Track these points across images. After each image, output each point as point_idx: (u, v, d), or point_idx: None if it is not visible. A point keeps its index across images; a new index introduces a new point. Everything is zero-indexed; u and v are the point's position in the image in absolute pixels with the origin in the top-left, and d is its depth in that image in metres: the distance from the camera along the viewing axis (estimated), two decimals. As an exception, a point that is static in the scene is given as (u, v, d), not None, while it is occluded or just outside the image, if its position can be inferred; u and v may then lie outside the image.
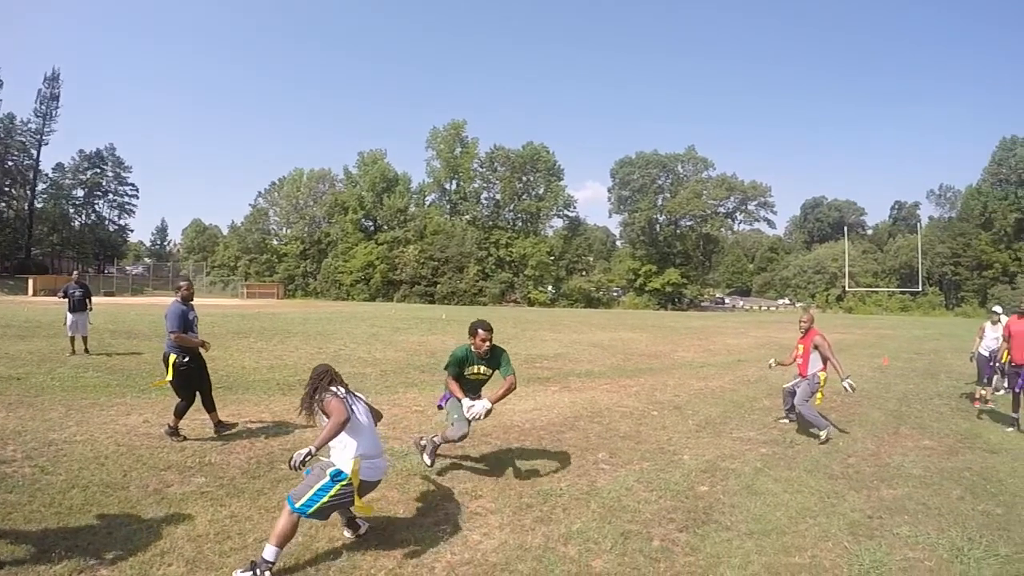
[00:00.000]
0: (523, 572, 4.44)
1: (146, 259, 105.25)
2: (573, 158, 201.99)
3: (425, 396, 10.83)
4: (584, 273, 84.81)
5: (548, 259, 78.28)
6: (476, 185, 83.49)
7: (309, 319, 27.49)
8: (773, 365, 10.26)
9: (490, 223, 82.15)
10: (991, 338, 12.19)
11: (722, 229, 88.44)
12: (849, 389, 8.90)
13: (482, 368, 6.39)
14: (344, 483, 4.35)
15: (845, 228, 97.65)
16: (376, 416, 5.04)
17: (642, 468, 7.06)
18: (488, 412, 6.10)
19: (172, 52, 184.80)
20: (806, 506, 6.11)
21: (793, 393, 9.20)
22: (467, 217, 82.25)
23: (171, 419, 7.48)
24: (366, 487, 4.55)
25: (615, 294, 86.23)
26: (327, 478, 4.33)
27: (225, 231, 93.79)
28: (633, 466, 7.16)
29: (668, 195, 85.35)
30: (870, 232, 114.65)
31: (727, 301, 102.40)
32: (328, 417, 4.45)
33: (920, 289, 79.11)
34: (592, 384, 12.99)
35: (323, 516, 4.43)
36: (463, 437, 6.24)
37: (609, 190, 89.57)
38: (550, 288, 79.60)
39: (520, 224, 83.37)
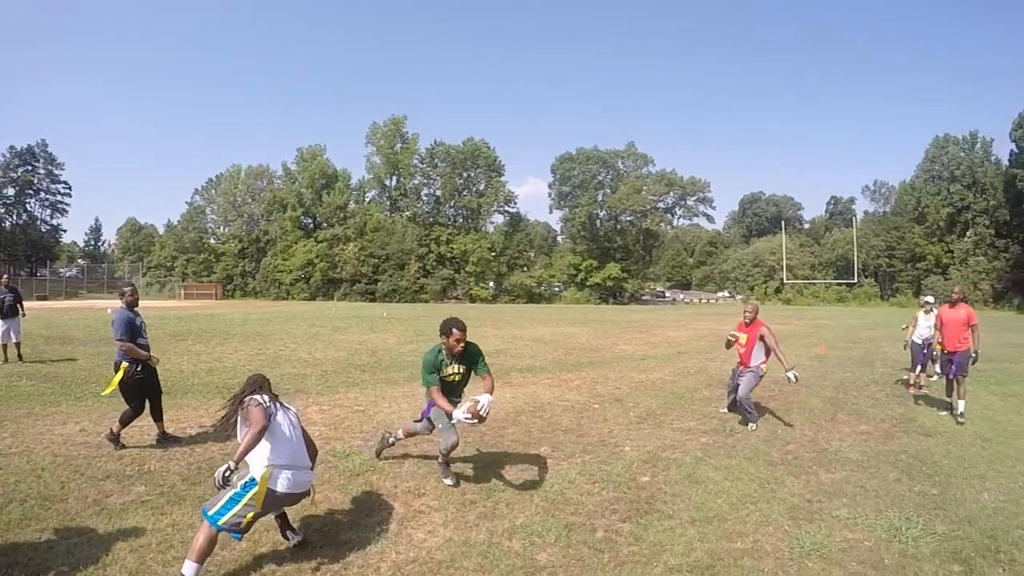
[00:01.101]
0: (468, 568, 4.43)
1: (80, 261, 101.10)
2: (514, 154, 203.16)
3: (366, 395, 10.70)
4: (525, 269, 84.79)
5: (489, 255, 78.05)
6: (416, 181, 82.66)
7: (248, 320, 26.95)
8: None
9: (431, 219, 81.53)
10: (924, 327, 12.61)
11: (662, 224, 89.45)
12: (793, 379, 8.98)
13: (459, 368, 6.25)
14: (254, 492, 4.20)
15: (783, 222, 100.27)
16: (310, 446, 4.81)
17: (584, 461, 7.11)
18: (484, 410, 5.77)
19: (104, 44, 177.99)
20: (746, 493, 6.23)
21: (737, 386, 9.19)
22: (407, 214, 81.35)
23: (115, 425, 7.21)
24: (277, 500, 4.33)
25: (556, 289, 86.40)
26: (238, 487, 4.21)
27: (161, 230, 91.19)
28: (575, 459, 7.20)
29: (608, 191, 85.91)
30: (807, 226, 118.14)
31: (668, 295, 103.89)
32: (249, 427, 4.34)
33: (856, 280, 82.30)
34: (533, 379, 13.01)
35: (239, 529, 4.22)
36: (455, 444, 6.13)
37: (550, 186, 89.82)
38: (491, 284, 79.49)
39: (461, 220, 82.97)
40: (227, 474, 4.10)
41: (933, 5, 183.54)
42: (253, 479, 4.24)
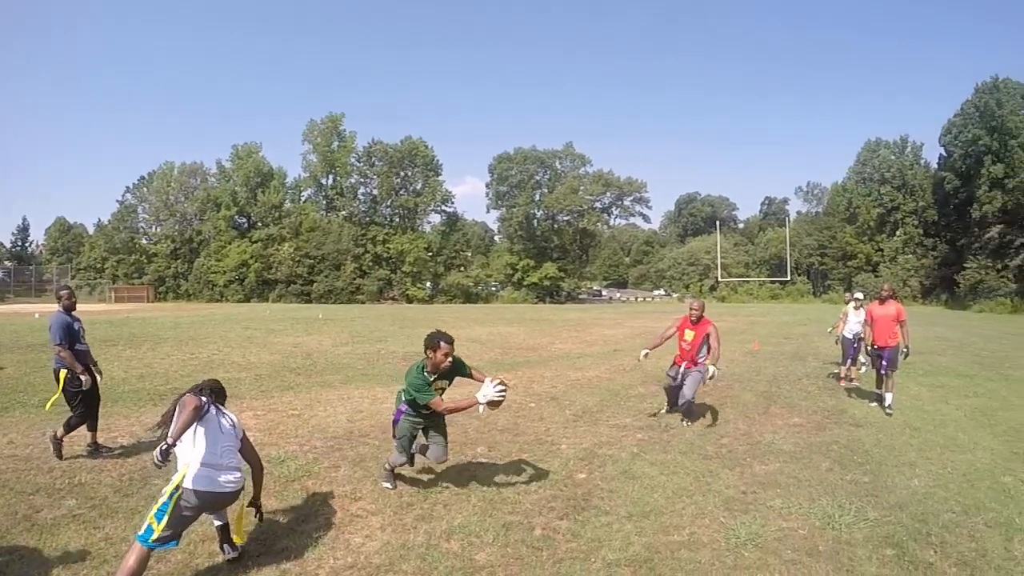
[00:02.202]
0: (407, 572, 4.40)
1: (6, 262, 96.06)
2: (452, 153, 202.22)
3: (301, 399, 10.49)
4: (462, 269, 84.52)
5: (426, 255, 77.57)
6: (353, 180, 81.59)
7: (181, 323, 26.14)
8: (644, 357, 9.22)
9: (367, 219, 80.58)
10: (854, 322, 13.03)
11: (599, 224, 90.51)
12: (711, 374, 8.81)
13: (443, 382, 6.13)
14: (178, 495, 4.07)
15: (717, 222, 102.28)
16: (250, 457, 4.71)
17: (521, 460, 7.11)
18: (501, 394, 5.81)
19: (29, 34, 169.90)
20: (682, 486, 6.32)
21: (679, 387, 9.04)
22: (344, 213, 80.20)
23: (59, 430, 6.92)
24: (198, 498, 4.14)
25: (493, 289, 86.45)
26: (165, 497, 4.08)
27: (91, 230, 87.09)
28: (512, 458, 7.21)
29: (546, 190, 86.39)
30: (741, 226, 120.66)
31: (604, 293, 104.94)
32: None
33: (789, 278, 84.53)
34: (469, 380, 12.90)
35: (165, 541, 4.05)
36: (403, 464, 6.10)
37: (487, 185, 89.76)
38: (428, 284, 78.98)
39: (398, 220, 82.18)
40: (164, 449, 3.99)
41: (866, 14, 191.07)
42: (177, 486, 4.10)
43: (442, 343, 5.81)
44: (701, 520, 5.45)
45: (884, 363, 10.44)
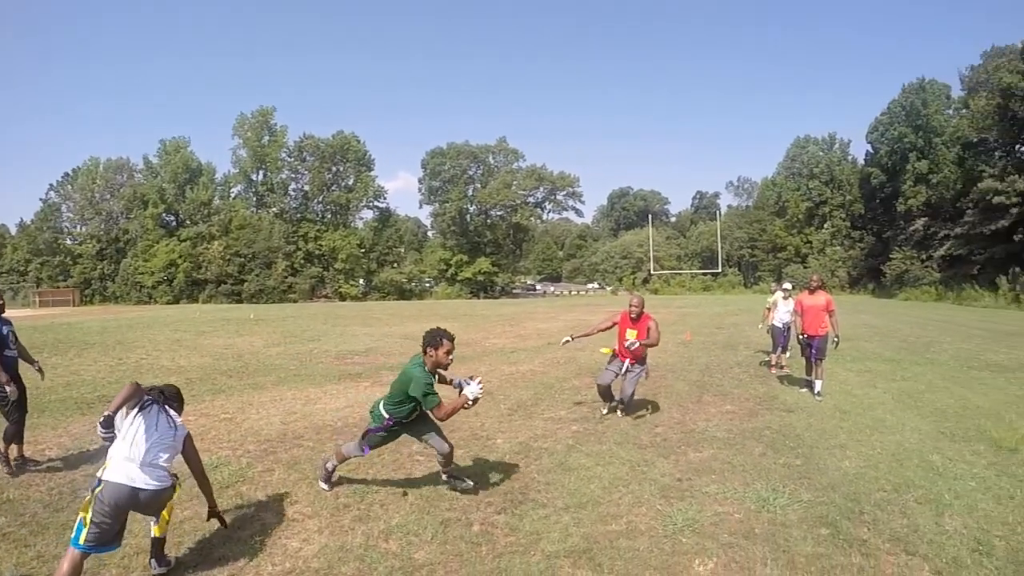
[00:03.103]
0: (346, 574, 4.35)
1: None
2: (384, 148, 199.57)
3: (233, 402, 10.18)
4: (396, 265, 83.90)
5: (359, 252, 76.74)
6: (284, 176, 79.86)
7: (108, 327, 25.14)
8: (565, 343, 9.52)
9: (298, 216, 79.09)
10: (784, 311, 13.36)
11: (532, 218, 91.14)
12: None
13: (434, 382, 5.89)
14: (99, 489, 3.93)
15: (650, 216, 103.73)
16: (192, 465, 4.55)
17: (457, 456, 6.98)
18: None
19: None
20: (618, 476, 6.38)
21: (613, 382, 8.96)
22: (274, 210, 78.38)
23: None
24: (113, 491, 3.97)
25: (427, 285, 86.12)
26: (90, 493, 3.95)
27: (13, 231, 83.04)
28: None
29: (479, 185, 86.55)
30: (673, 219, 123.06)
31: (538, 287, 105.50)
32: None
33: (720, 270, 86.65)
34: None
35: (97, 544, 3.92)
36: (350, 458, 6.05)
37: (420, 180, 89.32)
38: (361, 282, 78.22)
39: (329, 216, 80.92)
40: (106, 416, 4.01)
41: (797, 15, 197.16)
42: (99, 480, 4.00)
43: (445, 340, 5.69)
44: (638, 508, 5.51)
45: (814, 351, 10.74)
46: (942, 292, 51.52)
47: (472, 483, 6.00)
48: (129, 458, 4.07)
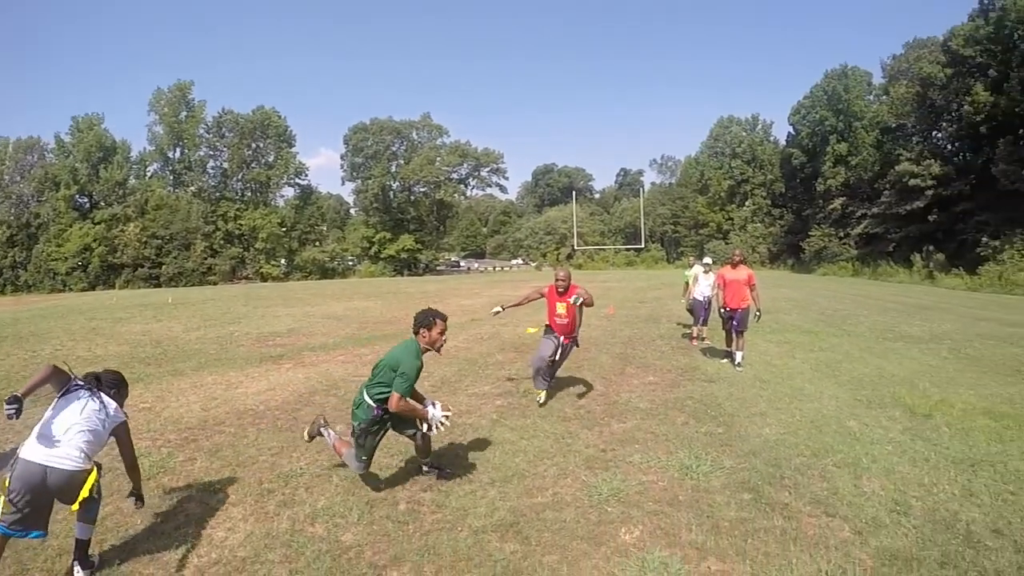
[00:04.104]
0: (274, 561, 4.26)
1: None
2: (306, 124, 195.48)
3: (152, 391, 9.75)
4: (318, 244, 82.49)
5: (280, 231, 75.10)
6: (202, 153, 77.16)
7: (20, 318, 23.78)
8: (495, 314, 9.32)
9: (217, 194, 76.60)
10: (705, 285, 13.62)
11: (456, 195, 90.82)
12: (576, 301, 8.36)
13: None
14: (17, 466, 3.81)
15: (574, 192, 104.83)
16: (124, 454, 4.39)
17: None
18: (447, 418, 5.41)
19: None
20: (543, 449, 6.42)
21: (554, 362, 8.60)
22: (192, 188, 75.70)
23: None
24: (23, 470, 3.84)
25: (350, 263, 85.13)
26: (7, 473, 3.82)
27: None
28: None
29: (402, 161, 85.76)
30: (598, 196, 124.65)
31: (462, 264, 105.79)
32: None
33: (643, 246, 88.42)
34: (327, 357, 12.62)
35: (20, 527, 3.81)
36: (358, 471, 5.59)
37: (342, 157, 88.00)
38: (283, 261, 76.69)
39: (249, 195, 78.77)
40: (8, 399, 3.76)
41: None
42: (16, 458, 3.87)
43: (437, 320, 5.42)
44: (563, 480, 5.56)
45: (736, 324, 10.99)
46: (859, 268, 53.61)
47: (452, 471, 5.83)
48: (43, 436, 3.94)
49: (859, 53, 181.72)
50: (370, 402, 5.29)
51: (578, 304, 8.24)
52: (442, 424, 5.31)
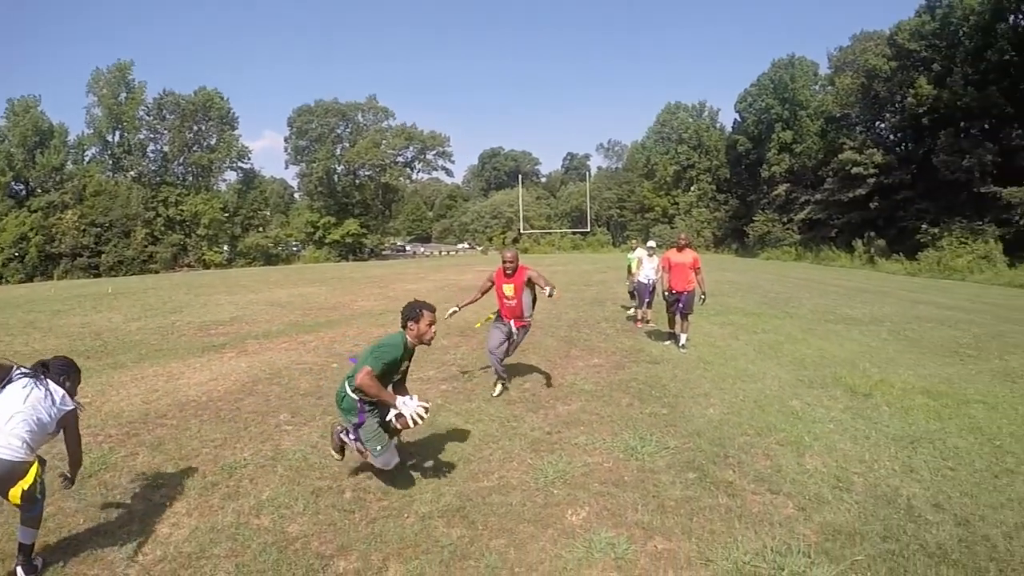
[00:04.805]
0: (220, 555, 4.17)
1: None
2: (249, 106, 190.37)
3: (91, 385, 9.40)
4: (261, 229, 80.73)
5: (222, 216, 72.94)
6: (142, 136, 73.98)
7: None
8: (451, 315, 8.63)
9: (158, 179, 73.65)
10: (649, 268, 13.69)
11: (401, 178, 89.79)
12: (548, 294, 7.85)
13: (406, 363, 5.45)
14: None
15: (520, 176, 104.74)
16: (70, 446, 4.20)
17: (325, 423, 6.87)
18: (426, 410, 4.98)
19: None
20: (488, 433, 6.42)
21: (506, 352, 8.38)
22: (132, 173, 72.70)
23: None
24: None
25: (294, 249, 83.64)
26: None
27: None
28: (316, 423, 6.99)
29: (347, 144, 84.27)
30: (544, 180, 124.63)
31: (408, 248, 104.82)
32: None
33: (589, 230, 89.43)
34: (270, 345, 12.42)
35: None
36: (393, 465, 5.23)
37: (286, 139, 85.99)
38: (225, 248, 74.74)
39: (191, 179, 76.07)
40: None
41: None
42: None
43: (425, 311, 5.25)
44: (509, 464, 5.57)
45: (681, 306, 11.09)
46: (801, 252, 54.69)
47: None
48: None
49: (807, 44, 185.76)
50: (354, 395, 5.11)
51: (528, 282, 8.01)
52: (419, 418, 4.89)
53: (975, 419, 6.84)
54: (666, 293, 11.46)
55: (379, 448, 5.02)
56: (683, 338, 11.00)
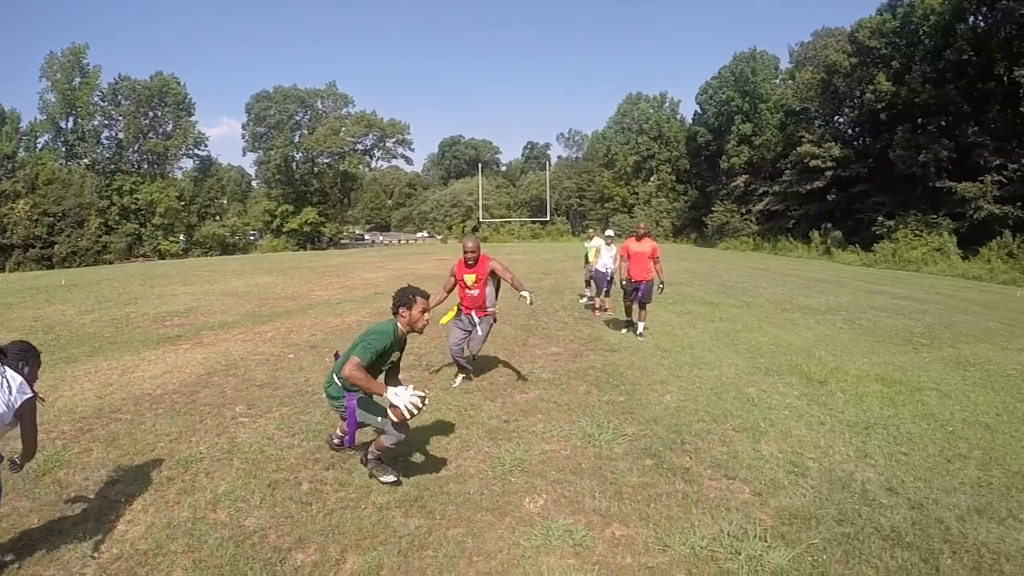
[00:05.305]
0: (176, 552, 4.08)
1: None
2: (206, 91, 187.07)
3: (43, 381, 9.01)
4: (218, 218, 79.57)
5: (178, 205, 71.51)
6: (96, 122, 72.06)
7: None
8: None
9: (112, 167, 71.91)
10: (607, 257, 13.83)
11: (360, 166, 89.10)
12: (528, 300, 8.12)
13: (397, 353, 5.27)
14: None
15: (480, 165, 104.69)
16: (25, 436, 3.99)
17: (282, 414, 6.82)
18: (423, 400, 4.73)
19: None
20: (446, 421, 6.40)
21: (470, 350, 8.30)
22: (86, 161, 70.80)
23: None
24: None
25: (251, 238, 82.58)
26: None
27: None
28: (272, 414, 6.89)
29: (306, 132, 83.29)
30: (504, 169, 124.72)
31: (367, 237, 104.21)
32: None
33: (549, 219, 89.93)
34: (226, 335, 12.22)
35: None
36: (402, 441, 4.99)
37: (244, 126, 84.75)
38: (181, 237, 73.17)
39: (146, 167, 74.48)
40: None
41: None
42: None
43: (418, 298, 5.08)
44: (467, 452, 5.57)
45: (640, 295, 11.17)
46: (759, 243, 55.55)
47: (395, 478, 5.20)
48: None
49: (768, 39, 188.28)
50: (338, 381, 4.99)
51: (491, 273, 7.97)
52: (415, 408, 4.65)
53: (928, 406, 7.01)
54: (624, 282, 11.52)
55: (380, 420, 4.83)
56: (641, 326, 11.09)
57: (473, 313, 8.07)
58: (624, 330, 11.54)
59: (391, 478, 5.01)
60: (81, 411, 7.33)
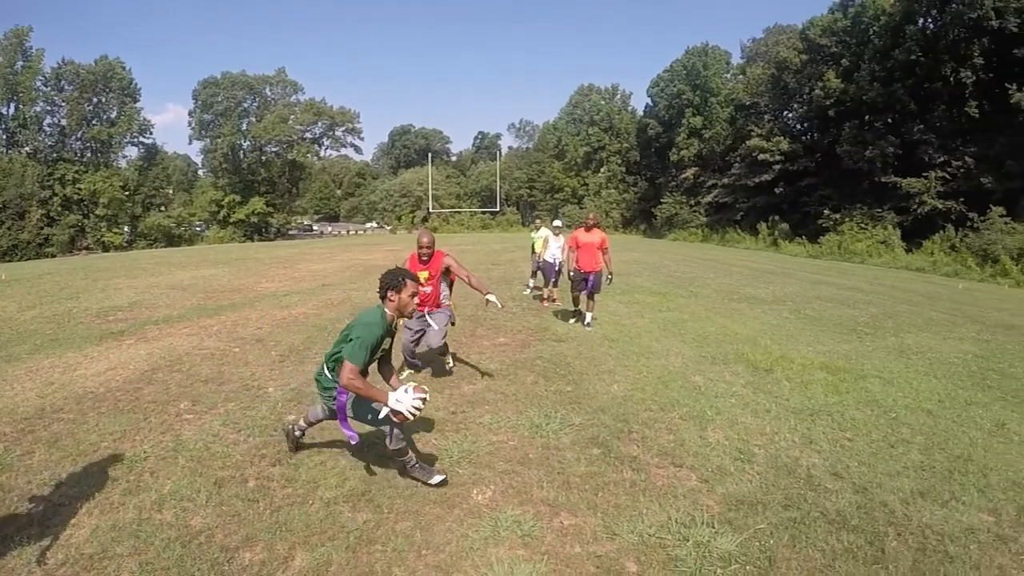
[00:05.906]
0: (123, 554, 4.00)
1: None
2: (152, 77, 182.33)
3: None
4: (163, 208, 77.79)
5: (122, 195, 69.37)
6: (39, 109, 69.51)
7: None
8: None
9: (54, 155, 69.52)
10: (555, 247, 13.92)
11: (309, 155, 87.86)
12: (496, 304, 7.70)
13: (388, 340, 4.92)
14: None
15: (430, 155, 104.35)
16: None
17: (227, 410, 6.72)
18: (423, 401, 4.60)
19: None
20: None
21: (417, 341, 7.93)
22: (27, 149, 68.27)
23: None
24: None
25: (198, 229, 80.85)
26: None
27: None
28: (218, 410, 6.78)
29: (254, 119, 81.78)
30: (455, 159, 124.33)
31: (315, 228, 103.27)
32: None
33: (499, 209, 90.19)
34: (171, 330, 11.94)
35: None
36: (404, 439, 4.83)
37: (191, 113, 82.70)
38: (126, 229, 71.08)
39: (89, 155, 72.10)
40: None
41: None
42: None
43: (408, 280, 4.76)
44: (415, 445, 5.51)
45: (589, 286, 11.22)
46: (708, 234, 56.28)
47: (441, 479, 5.01)
48: None
49: (720, 34, 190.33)
50: (329, 374, 4.84)
51: (445, 271, 7.67)
52: (416, 411, 4.54)
53: (871, 392, 7.18)
54: (572, 273, 11.56)
55: (382, 416, 4.59)
56: (588, 316, 11.14)
57: (425, 312, 7.73)
58: (572, 320, 11.60)
59: (438, 478, 4.84)
60: (22, 412, 7.11)
